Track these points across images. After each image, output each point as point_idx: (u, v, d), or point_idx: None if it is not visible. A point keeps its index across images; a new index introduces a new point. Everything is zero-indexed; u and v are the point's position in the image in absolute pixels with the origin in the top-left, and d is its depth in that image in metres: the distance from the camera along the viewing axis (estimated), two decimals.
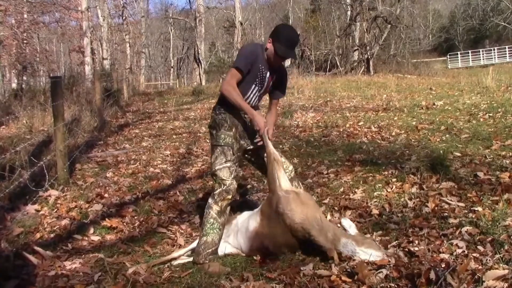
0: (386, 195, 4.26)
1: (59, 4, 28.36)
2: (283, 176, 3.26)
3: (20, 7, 24.32)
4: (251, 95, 3.36)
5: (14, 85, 20.60)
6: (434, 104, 10.05)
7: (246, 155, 3.58)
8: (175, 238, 3.80)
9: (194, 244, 3.39)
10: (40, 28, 28.55)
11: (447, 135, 6.75)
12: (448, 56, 38.35)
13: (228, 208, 3.30)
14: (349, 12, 28.40)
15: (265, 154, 3.35)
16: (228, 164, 3.25)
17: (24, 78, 23.43)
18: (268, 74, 3.36)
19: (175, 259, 3.33)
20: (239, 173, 3.40)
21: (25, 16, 25.13)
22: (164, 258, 3.35)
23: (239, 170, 3.44)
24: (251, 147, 3.47)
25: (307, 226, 2.98)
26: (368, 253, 2.88)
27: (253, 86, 3.34)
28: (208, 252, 3.18)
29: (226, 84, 3.19)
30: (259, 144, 3.41)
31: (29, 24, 25.14)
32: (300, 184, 3.62)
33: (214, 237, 3.22)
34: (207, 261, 3.16)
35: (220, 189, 3.23)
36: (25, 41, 24.52)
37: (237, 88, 3.21)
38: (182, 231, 3.97)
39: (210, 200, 3.28)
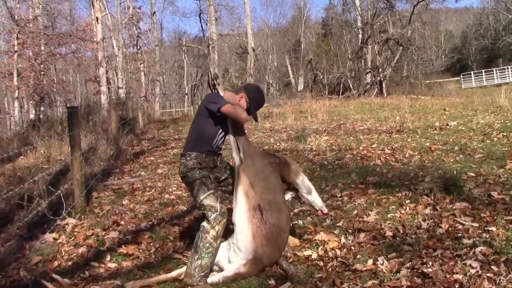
0: (400, 217, 4.26)
1: (75, 35, 29.07)
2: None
3: (38, 39, 24.94)
4: (218, 139, 3.61)
5: (32, 116, 20.94)
6: (447, 124, 10.03)
7: (219, 186, 3.78)
8: None
9: None
10: (56, 59, 29.21)
11: (461, 156, 6.74)
12: (461, 76, 38.25)
13: (222, 232, 3.39)
14: (360, 35, 28.58)
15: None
16: (211, 191, 3.44)
17: (42, 108, 23.85)
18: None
19: (172, 278, 3.44)
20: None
21: (42, 48, 25.74)
22: (161, 276, 3.46)
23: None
24: (224, 177, 3.74)
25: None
26: (315, 196, 3.59)
27: (220, 130, 3.60)
28: (201, 275, 3.27)
29: (242, 114, 3.47)
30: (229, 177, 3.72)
31: (46, 56, 25.74)
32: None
33: (208, 261, 3.31)
34: (201, 283, 3.24)
35: (214, 214, 3.34)
36: (42, 72, 25.08)
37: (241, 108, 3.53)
38: None
39: (205, 225, 3.36)
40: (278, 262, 3.42)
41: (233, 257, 3.38)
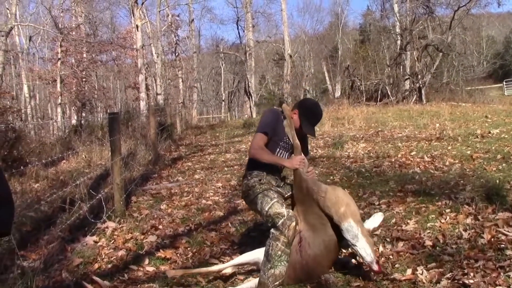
0: (440, 226, 4.17)
1: (116, 43, 29.76)
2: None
3: (80, 47, 25.64)
4: (278, 155, 3.53)
5: (74, 121, 21.52)
6: (489, 132, 9.78)
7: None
8: None
9: (234, 262, 3.57)
10: (98, 66, 29.93)
11: (504, 164, 6.55)
12: (504, 83, 37.23)
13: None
14: (399, 42, 28.16)
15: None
16: (275, 200, 3.31)
17: (83, 114, 24.45)
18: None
19: (213, 272, 3.51)
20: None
21: (84, 55, 26.43)
22: (203, 269, 3.56)
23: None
24: (289, 194, 3.60)
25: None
26: (363, 247, 3.06)
27: (278, 149, 3.54)
28: (276, 284, 3.17)
29: (253, 147, 3.39)
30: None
31: (88, 63, 26.43)
32: None
33: (282, 269, 3.17)
34: None
35: (282, 219, 3.18)
36: (84, 79, 25.75)
37: (264, 147, 3.40)
38: None
39: (275, 232, 3.21)
40: None
41: None
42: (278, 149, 3.54)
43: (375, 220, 3.31)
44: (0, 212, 1.98)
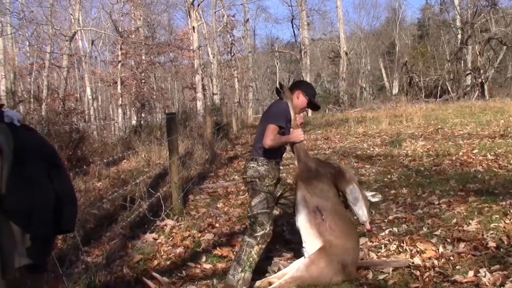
0: (504, 227, 4.01)
1: (173, 44, 30.33)
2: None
3: (139, 49, 26.30)
4: (282, 147, 3.68)
5: (134, 122, 22.13)
6: None
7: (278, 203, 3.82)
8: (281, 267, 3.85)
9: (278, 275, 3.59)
10: (156, 68, 30.59)
11: None
12: None
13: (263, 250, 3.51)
14: (459, 36, 27.25)
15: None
16: (268, 210, 3.49)
17: (143, 115, 25.09)
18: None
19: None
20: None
21: (143, 57, 27.10)
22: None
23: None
24: (279, 193, 3.73)
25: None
26: (361, 208, 3.49)
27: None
28: None
29: (269, 138, 3.46)
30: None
31: (146, 65, 27.06)
32: None
33: (249, 275, 3.40)
34: None
35: (262, 232, 3.43)
36: (143, 81, 26.39)
37: (277, 135, 3.52)
38: (289, 261, 4.01)
39: (251, 240, 3.44)
40: (371, 264, 3.52)
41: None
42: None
43: (373, 197, 3.65)
44: (65, 210, 2.07)
